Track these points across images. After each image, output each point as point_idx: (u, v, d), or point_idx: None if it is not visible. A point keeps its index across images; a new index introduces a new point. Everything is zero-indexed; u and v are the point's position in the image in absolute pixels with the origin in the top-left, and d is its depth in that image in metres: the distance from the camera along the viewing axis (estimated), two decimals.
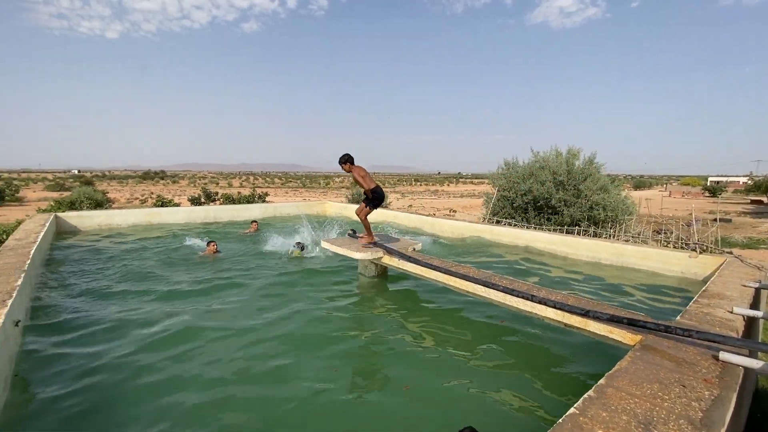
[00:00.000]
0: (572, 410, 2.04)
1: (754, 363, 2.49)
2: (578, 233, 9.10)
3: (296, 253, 7.60)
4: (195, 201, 21.75)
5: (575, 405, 2.08)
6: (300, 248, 7.71)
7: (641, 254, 7.07)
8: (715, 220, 12.29)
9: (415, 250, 6.12)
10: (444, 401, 3.14)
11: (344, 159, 5.65)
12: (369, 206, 5.87)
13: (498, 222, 11.76)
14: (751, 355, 2.63)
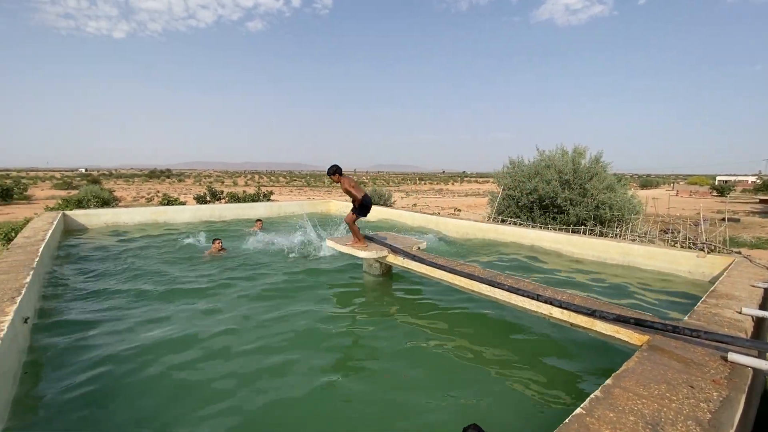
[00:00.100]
0: (579, 410, 2.03)
1: (763, 364, 2.47)
2: (584, 233, 9.04)
3: (300, 253, 7.64)
4: (200, 199, 21.87)
5: (582, 405, 2.07)
6: (300, 248, 7.77)
7: (648, 254, 7.01)
8: (724, 220, 12.17)
9: (420, 249, 6.11)
10: (448, 399, 3.14)
11: (333, 170, 5.73)
12: (357, 214, 5.96)
13: (503, 221, 11.72)
14: (760, 356, 2.61)
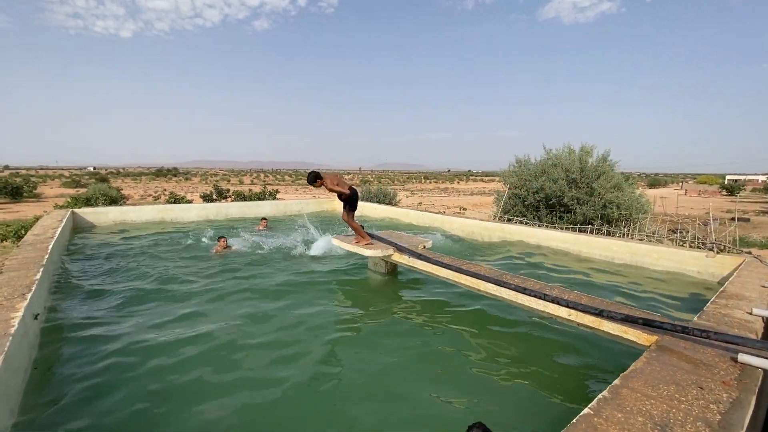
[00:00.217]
0: (586, 410, 2.01)
1: None
2: (591, 232, 8.97)
3: (304, 251, 7.68)
4: (207, 198, 22.02)
5: (589, 405, 2.06)
6: (304, 246, 7.85)
7: (656, 253, 6.94)
8: (733, 220, 12.01)
9: (426, 248, 6.09)
10: (453, 397, 3.13)
11: (313, 178, 5.57)
12: (350, 209, 5.85)
13: (509, 220, 11.66)
14: None
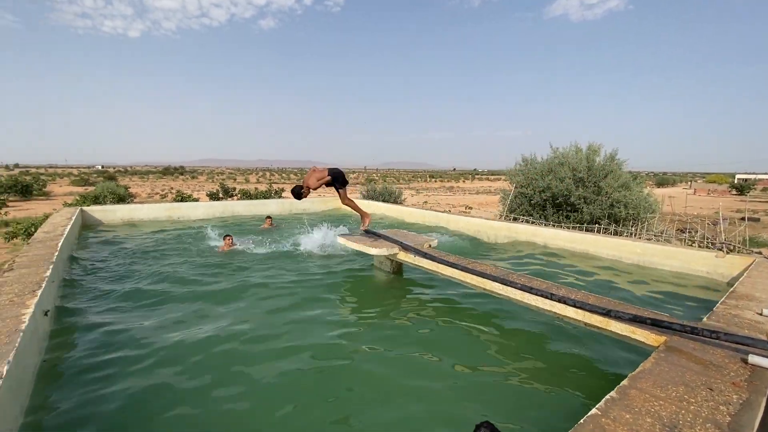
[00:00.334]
0: (594, 411, 2.00)
1: None
2: (598, 231, 8.90)
3: (309, 250, 7.71)
4: (213, 196, 22.17)
5: (597, 406, 2.05)
6: (312, 245, 7.88)
7: (665, 253, 6.87)
8: (743, 219, 11.86)
9: (431, 247, 6.08)
10: (460, 397, 3.12)
11: (297, 191, 5.48)
12: (340, 188, 5.72)
13: (515, 219, 11.61)
14: None
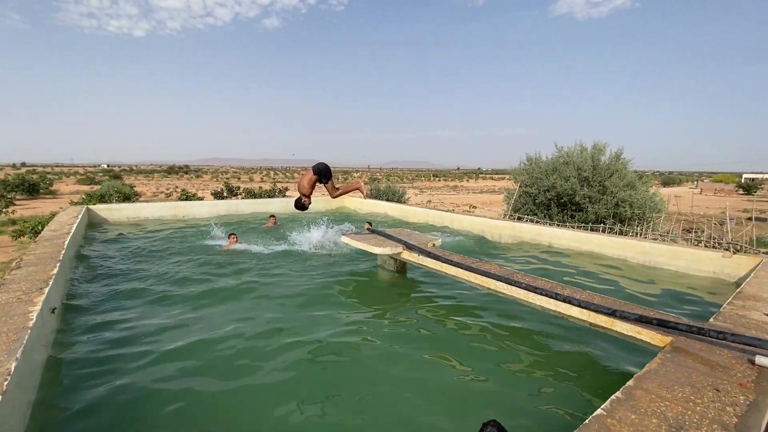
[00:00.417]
0: (599, 411, 1.99)
1: None
2: (603, 231, 8.86)
3: (314, 249, 7.73)
4: (218, 195, 22.27)
5: (602, 406, 2.04)
6: (314, 243, 7.93)
7: (671, 253, 6.82)
8: (750, 219, 11.74)
9: (435, 246, 6.08)
10: (465, 395, 3.12)
11: (301, 205, 5.71)
12: (327, 181, 5.71)
13: (519, 219, 11.57)
14: None
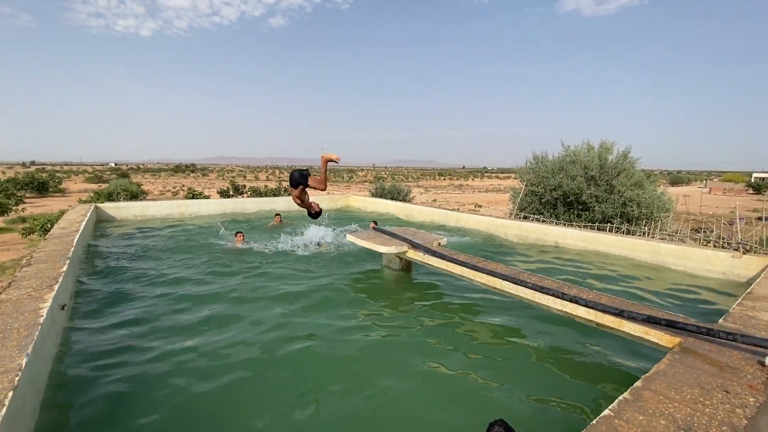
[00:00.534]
0: (607, 412, 1.98)
1: None
2: (610, 230, 8.79)
3: (320, 248, 7.74)
4: (224, 193, 22.39)
5: (610, 407, 2.03)
6: (320, 243, 7.95)
7: (679, 253, 6.75)
8: (760, 219, 11.59)
9: (441, 245, 6.07)
10: (470, 394, 3.12)
11: (314, 214, 6.02)
12: (308, 184, 5.82)
13: (525, 218, 11.51)
14: None
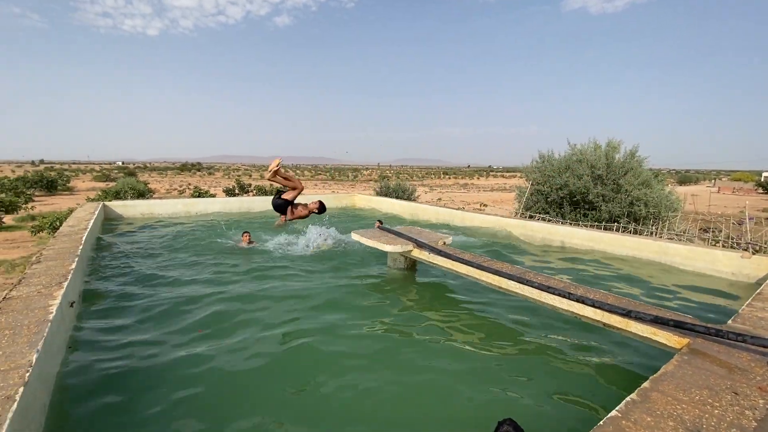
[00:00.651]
0: (614, 413, 1.97)
1: None
2: (617, 230, 8.72)
3: (324, 246, 7.75)
4: (229, 192, 22.50)
5: (617, 408, 2.01)
6: (325, 241, 7.97)
7: (687, 253, 6.68)
8: None
9: (446, 244, 6.05)
10: (480, 394, 3.11)
11: (323, 207, 6.47)
12: (291, 203, 6.38)
13: (531, 217, 11.46)
14: None
